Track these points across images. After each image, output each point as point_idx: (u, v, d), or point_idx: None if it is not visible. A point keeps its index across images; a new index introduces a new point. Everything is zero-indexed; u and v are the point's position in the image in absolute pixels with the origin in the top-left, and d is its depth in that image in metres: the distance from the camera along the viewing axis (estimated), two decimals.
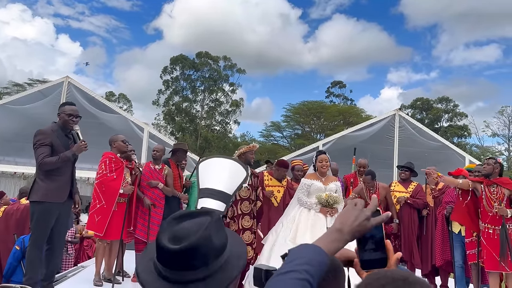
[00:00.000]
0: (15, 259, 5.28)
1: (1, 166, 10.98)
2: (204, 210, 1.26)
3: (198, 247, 1.10)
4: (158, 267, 1.14)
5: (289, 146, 32.87)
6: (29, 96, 10.86)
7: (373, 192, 5.94)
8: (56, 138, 4.02)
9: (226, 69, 35.60)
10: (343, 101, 38.09)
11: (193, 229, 1.12)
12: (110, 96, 34.66)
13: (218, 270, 1.14)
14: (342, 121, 32.61)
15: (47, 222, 3.96)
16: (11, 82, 31.48)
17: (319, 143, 11.87)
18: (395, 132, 11.36)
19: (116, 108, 12.21)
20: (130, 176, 5.15)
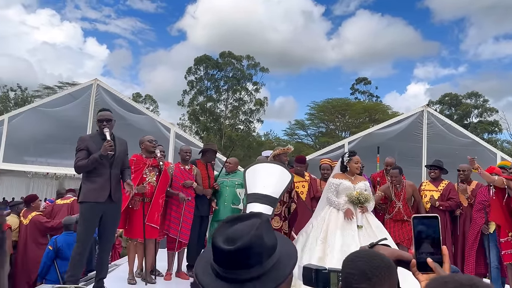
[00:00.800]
0: (49, 258, 5.47)
1: (34, 167, 11.34)
2: (253, 213, 1.32)
3: (251, 247, 1.16)
4: (215, 268, 1.20)
5: (313, 145, 32.66)
6: (59, 99, 11.16)
7: (399, 189, 5.86)
8: (92, 143, 4.24)
9: (249, 68, 35.68)
10: (368, 98, 37.56)
11: (245, 230, 1.18)
12: (137, 97, 35.27)
13: (271, 269, 1.19)
14: (367, 119, 32.14)
15: (90, 221, 4.16)
16: (42, 85, 32.43)
17: (344, 141, 11.74)
18: (423, 129, 11.13)
19: (143, 109, 12.42)
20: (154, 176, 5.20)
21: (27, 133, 10.88)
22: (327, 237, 4.45)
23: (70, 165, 11.07)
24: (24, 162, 11.16)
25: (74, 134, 11.00)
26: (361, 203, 4.55)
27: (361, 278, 1.22)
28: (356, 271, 1.23)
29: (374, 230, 4.49)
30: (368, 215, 4.63)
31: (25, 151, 11.27)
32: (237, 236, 1.17)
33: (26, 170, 11.29)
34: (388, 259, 1.25)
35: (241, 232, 1.18)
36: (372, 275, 1.21)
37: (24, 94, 33.09)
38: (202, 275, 1.23)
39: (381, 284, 1.21)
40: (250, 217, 1.25)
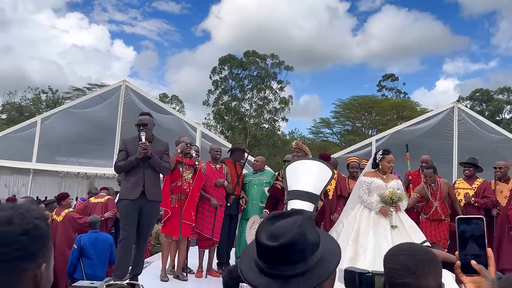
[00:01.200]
0: (74, 257, 5.59)
1: (66, 167, 11.66)
2: (295, 210, 1.33)
3: (295, 243, 1.17)
4: (259, 264, 1.21)
5: (339, 143, 32.35)
6: (89, 100, 11.44)
7: (434, 188, 5.72)
8: (132, 144, 4.47)
9: (273, 66, 35.63)
10: (396, 94, 36.85)
11: (288, 227, 1.20)
12: (163, 98, 35.77)
13: (315, 266, 1.20)
14: (395, 116, 31.55)
15: (127, 218, 4.39)
16: (72, 87, 33.35)
17: (372, 139, 11.56)
18: (454, 126, 10.85)
19: (170, 109, 12.59)
20: (190, 174, 5.33)
21: (59, 134, 11.20)
22: (359, 237, 4.37)
23: (100, 164, 11.43)
24: (56, 162, 11.49)
25: (103, 135, 11.34)
26: (394, 202, 4.46)
27: (405, 272, 1.20)
28: (399, 266, 1.22)
29: (407, 230, 4.38)
30: (401, 214, 4.53)
31: (57, 151, 11.60)
32: (280, 233, 1.18)
33: (58, 169, 11.63)
34: (432, 252, 1.24)
35: (284, 229, 1.19)
36: (416, 268, 1.20)
37: (55, 96, 34.08)
38: (247, 271, 1.24)
39: (426, 277, 1.19)
40: (292, 214, 1.26)
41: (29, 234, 0.86)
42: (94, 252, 5.56)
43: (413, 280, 1.19)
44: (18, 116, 30.47)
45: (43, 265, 0.88)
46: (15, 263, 0.84)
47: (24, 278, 0.86)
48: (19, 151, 10.95)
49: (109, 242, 5.71)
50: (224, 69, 35.44)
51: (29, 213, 0.89)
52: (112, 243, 5.71)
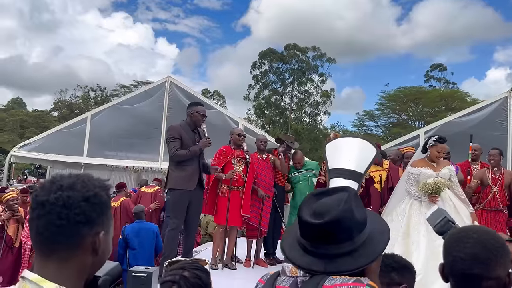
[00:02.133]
0: (120, 247, 5.77)
1: (115, 161, 12.08)
2: (340, 187, 1.24)
3: (341, 220, 1.10)
4: (302, 243, 1.16)
5: (384, 136, 31.52)
6: (136, 97, 11.78)
7: (498, 174, 5.37)
8: (185, 133, 4.53)
9: (315, 59, 35.18)
10: (444, 85, 35.39)
11: (333, 204, 1.13)
12: (206, 94, 36.31)
13: (363, 244, 1.13)
14: (444, 107, 30.31)
15: (180, 207, 4.48)
16: (119, 85, 34.57)
17: (420, 131, 11.17)
18: (508, 116, 10.27)
19: (213, 103, 12.76)
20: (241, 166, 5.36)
21: (108, 130, 11.61)
22: (409, 232, 4.14)
23: (147, 158, 11.75)
24: (105, 156, 11.92)
25: (150, 129, 11.65)
26: (431, 193, 4.13)
27: (474, 263, 1.07)
28: (466, 255, 1.08)
29: (464, 220, 4.03)
30: (457, 203, 4.20)
31: (106, 146, 12.02)
32: (325, 210, 1.12)
33: (107, 163, 12.07)
34: (501, 237, 1.12)
35: (330, 206, 1.12)
36: (486, 258, 1.06)
37: (103, 93, 35.47)
38: (290, 250, 1.19)
39: (497, 267, 1.07)
40: (337, 191, 1.19)
41: (89, 200, 0.89)
42: (138, 242, 5.68)
43: (483, 271, 1.06)
44: (69, 113, 31.97)
45: (102, 232, 0.91)
46: (75, 227, 0.88)
47: (83, 243, 0.89)
48: (70, 146, 11.46)
49: (153, 231, 5.77)
50: (264, 63, 35.43)
51: (90, 182, 0.93)
52: (157, 232, 5.78)
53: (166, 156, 10.70)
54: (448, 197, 4.28)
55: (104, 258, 0.95)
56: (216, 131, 7.99)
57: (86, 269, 0.91)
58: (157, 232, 5.80)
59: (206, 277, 1.32)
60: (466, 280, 1.09)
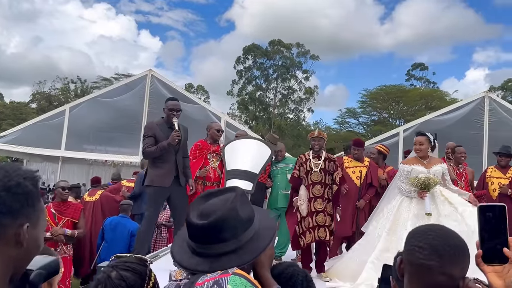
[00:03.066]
0: (99, 238, 5.75)
1: (93, 155, 11.92)
2: (228, 187, 1.30)
3: (226, 220, 1.14)
4: (191, 245, 1.19)
5: (365, 133, 31.87)
6: (116, 89, 11.63)
7: (462, 170, 5.57)
8: (159, 130, 4.43)
9: (299, 56, 35.27)
10: (425, 84, 35.92)
11: (219, 204, 1.17)
12: (189, 88, 36.03)
13: (249, 241, 1.18)
14: (424, 106, 30.80)
15: (155, 203, 4.47)
16: (100, 77, 33.99)
17: (399, 129, 11.35)
18: (484, 116, 10.52)
19: (195, 98, 12.69)
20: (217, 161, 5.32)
21: (87, 123, 11.43)
22: (397, 229, 4.15)
23: (127, 152, 11.62)
24: (84, 150, 11.75)
25: (130, 123, 11.51)
26: (426, 188, 4.13)
27: (431, 253, 1.09)
28: (426, 245, 1.10)
29: (458, 208, 4.10)
30: (447, 194, 4.24)
31: (85, 139, 11.85)
32: (210, 211, 1.15)
33: (86, 157, 11.90)
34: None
35: (215, 206, 1.16)
36: (444, 251, 1.08)
37: (84, 85, 34.85)
38: (178, 253, 1.21)
39: (453, 264, 1.08)
40: (225, 191, 1.23)
41: (11, 190, 0.86)
42: (112, 236, 5.60)
43: (438, 263, 1.08)
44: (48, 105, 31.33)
45: (26, 225, 0.87)
46: None
47: (5, 234, 0.85)
48: (48, 139, 11.25)
49: (128, 230, 5.64)
50: (248, 58, 35.35)
51: (15, 172, 0.89)
52: (133, 232, 5.60)
53: None
54: (439, 191, 4.26)
55: (31, 252, 0.91)
56: (198, 126, 7.94)
57: (10, 262, 0.87)
58: (133, 233, 5.66)
59: (135, 279, 1.27)
60: (421, 270, 1.10)
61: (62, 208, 4.92)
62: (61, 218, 4.88)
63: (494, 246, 1.10)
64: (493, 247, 1.10)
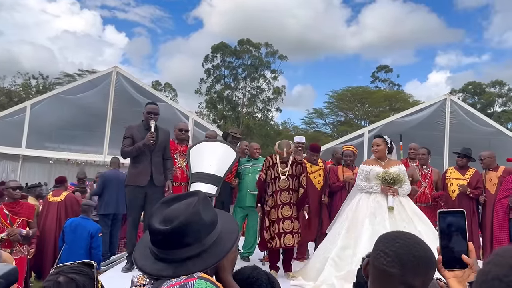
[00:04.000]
0: (60, 239, 5.62)
1: (55, 153, 11.53)
2: (191, 192, 1.30)
3: (189, 225, 1.14)
4: (154, 251, 1.18)
5: (331, 133, 32.39)
6: (80, 86, 11.29)
7: (427, 171, 5.72)
8: (137, 131, 4.64)
9: (267, 56, 35.39)
10: (389, 86, 36.88)
11: (181, 209, 1.17)
12: (156, 86, 35.45)
13: (212, 245, 1.18)
14: (388, 107, 31.62)
15: (133, 203, 4.59)
16: (63, 73, 32.88)
17: (364, 129, 11.58)
18: (446, 118, 10.90)
19: (162, 96, 12.48)
20: (184, 162, 5.26)
21: (49, 120, 11.05)
22: (355, 226, 4.28)
23: (91, 151, 11.31)
24: (45, 148, 11.35)
25: (94, 121, 11.21)
26: (388, 183, 4.32)
27: (395, 261, 1.08)
28: (392, 252, 1.09)
29: (409, 214, 4.24)
30: (402, 199, 4.37)
31: (46, 137, 11.45)
32: (173, 216, 1.15)
33: (47, 156, 11.49)
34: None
35: (177, 212, 1.16)
36: (408, 261, 1.07)
37: (46, 82, 33.65)
38: (141, 259, 1.20)
39: (415, 275, 1.07)
40: (187, 196, 1.23)
41: None
42: (72, 238, 5.47)
43: (400, 272, 1.07)
44: (8, 101, 30.03)
45: None
46: None
47: None
48: (8, 137, 10.81)
49: (88, 232, 5.51)
50: (217, 57, 35.16)
51: None
52: (93, 233, 5.51)
53: (111, 150, 10.36)
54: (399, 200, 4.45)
55: None
56: (166, 125, 7.80)
57: None
58: (93, 234, 5.51)
59: (84, 279, 1.26)
60: (383, 276, 1.10)
61: (16, 209, 4.85)
62: (15, 218, 4.81)
63: (454, 252, 1.12)
64: (453, 252, 1.12)
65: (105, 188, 6.72)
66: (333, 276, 4.04)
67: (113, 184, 6.71)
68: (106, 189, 6.70)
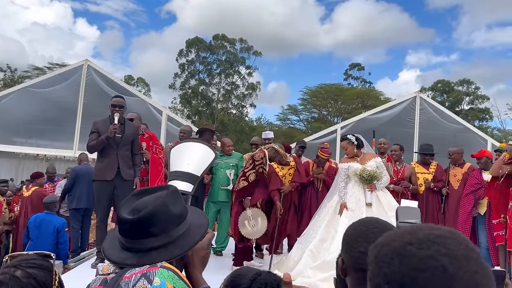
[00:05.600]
0: (24, 236, 5.56)
1: (24, 149, 11.21)
2: (162, 186, 1.33)
3: (156, 215, 1.16)
4: (121, 240, 1.20)
5: (305, 130, 32.69)
6: (49, 80, 11.00)
7: (399, 167, 5.87)
8: (103, 126, 4.58)
9: (242, 51, 35.33)
10: (361, 83, 37.49)
11: (150, 200, 1.20)
12: (129, 80, 34.81)
13: (180, 237, 1.20)
14: (360, 104, 32.15)
15: (100, 198, 4.54)
16: (32, 66, 31.89)
17: (337, 126, 11.77)
18: (415, 115, 11.19)
19: (135, 91, 12.31)
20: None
21: (17, 114, 10.72)
22: (333, 221, 4.48)
23: (60, 146, 11.05)
24: (13, 143, 11.03)
25: (64, 115, 10.95)
26: (366, 180, 4.50)
27: None
28: None
29: (385, 209, 4.41)
30: (379, 193, 4.56)
31: (14, 132, 11.13)
32: (141, 207, 1.17)
33: (15, 151, 11.16)
34: None
35: (146, 203, 1.18)
36: None
37: (14, 75, 32.56)
38: (109, 248, 1.23)
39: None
40: (157, 190, 1.26)
41: None
42: (37, 234, 5.38)
43: None
44: None
45: None
46: None
47: None
48: None
49: (54, 226, 5.43)
50: (191, 52, 34.86)
51: None
52: (59, 228, 5.43)
53: (81, 145, 10.15)
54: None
55: None
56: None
57: None
58: (59, 229, 5.40)
59: (44, 275, 1.20)
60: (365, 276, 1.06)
61: None
62: None
63: None
64: None
65: (76, 183, 6.59)
66: (308, 267, 4.18)
67: (85, 179, 6.60)
68: (77, 184, 6.57)
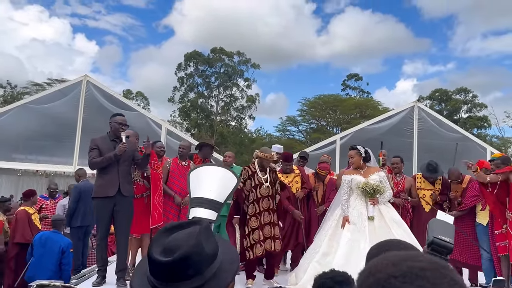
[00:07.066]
0: (28, 254, 5.50)
1: (24, 165, 11.20)
2: (193, 220, 1.29)
3: (191, 257, 1.10)
4: (152, 281, 1.13)
5: (305, 141, 32.73)
6: (49, 96, 11.03)
7: (399, 179, 5.82)
8: (103, 143, 4.59)
9: (240, 64, 35.54)
10: (359, 94, 37.63)
11: (183, 239, 1.13)
12: (127, 94, 34.92)
13: (212, 277, 1.14)
14: (358, 114, 32.26)
15: (101, 215, 4.52)
16: (31, 82, 32.02)
17: (336, 136, 11.79)
18: (414, 124, 11.22)
19: (134, 105, 12.34)
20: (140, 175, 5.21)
21: (16, 131, 10.74)
22: (335, 235, 4.49)
23: (60, 162, 11.04)
24: (13, 160, 11.01)
25: (64, 131, 10.96)
26: (369, 194, 4.49)
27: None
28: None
29: (387, 223, 4.41)
30: (382, 207, 4.55)
31: (14, 148, 11.12)
32: (175, 247, 1.11)
33: (15, 167, 11.14)
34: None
35: (180, 242, 1.12)
36: None
37: (14, 91, 32.66)
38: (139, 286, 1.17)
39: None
40: (189, 225, 1.19)
41: None
42: (41, 252, 5.33)
43: None
44: None
45: None
46: None
47: None
48: None
49: (59, 247, 5.39)
50: (190, 65, 35.06)
51: None
52: (64, 248, 5.40)
53: (81, 160, 10.15)
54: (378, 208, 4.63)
55: None
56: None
57: None
58: (64, 249, 5.36)
59: None
60: None
61: None
62: None
63: None
64: None
65: (80, 201, 6.54)
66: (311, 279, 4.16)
67: (88, 196, 6.58)
68: (81, 201, 6.53)
